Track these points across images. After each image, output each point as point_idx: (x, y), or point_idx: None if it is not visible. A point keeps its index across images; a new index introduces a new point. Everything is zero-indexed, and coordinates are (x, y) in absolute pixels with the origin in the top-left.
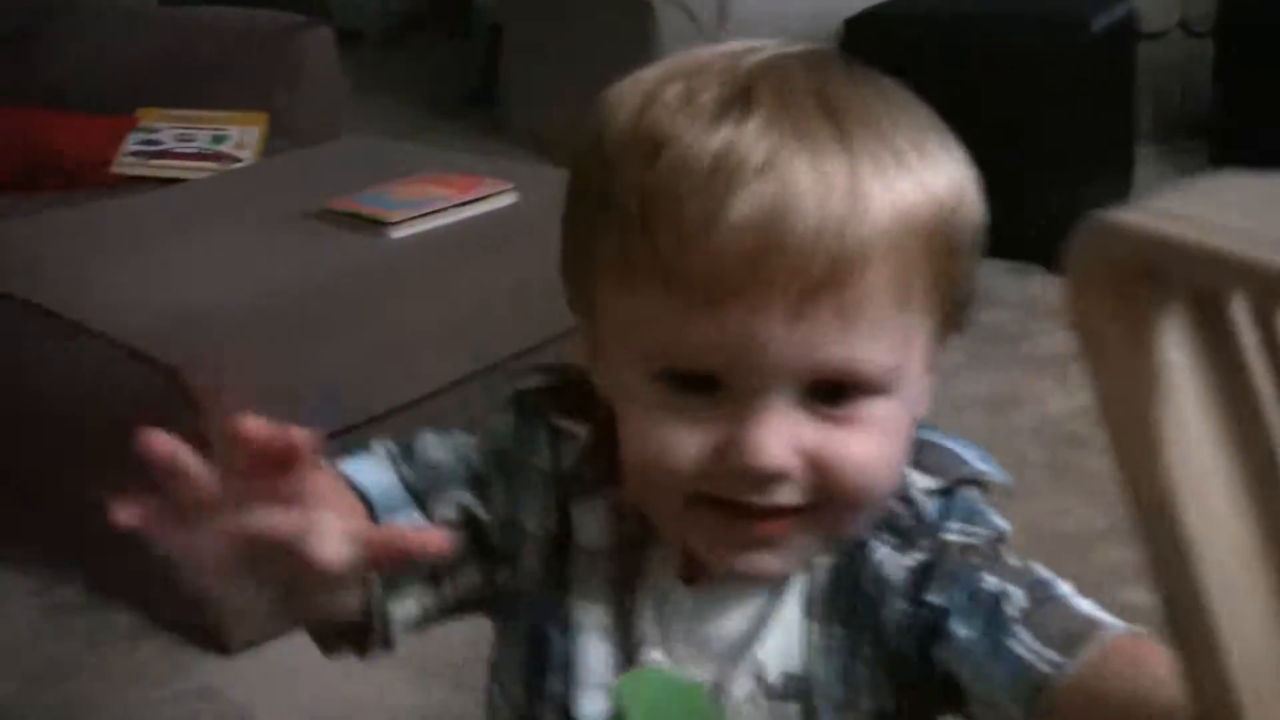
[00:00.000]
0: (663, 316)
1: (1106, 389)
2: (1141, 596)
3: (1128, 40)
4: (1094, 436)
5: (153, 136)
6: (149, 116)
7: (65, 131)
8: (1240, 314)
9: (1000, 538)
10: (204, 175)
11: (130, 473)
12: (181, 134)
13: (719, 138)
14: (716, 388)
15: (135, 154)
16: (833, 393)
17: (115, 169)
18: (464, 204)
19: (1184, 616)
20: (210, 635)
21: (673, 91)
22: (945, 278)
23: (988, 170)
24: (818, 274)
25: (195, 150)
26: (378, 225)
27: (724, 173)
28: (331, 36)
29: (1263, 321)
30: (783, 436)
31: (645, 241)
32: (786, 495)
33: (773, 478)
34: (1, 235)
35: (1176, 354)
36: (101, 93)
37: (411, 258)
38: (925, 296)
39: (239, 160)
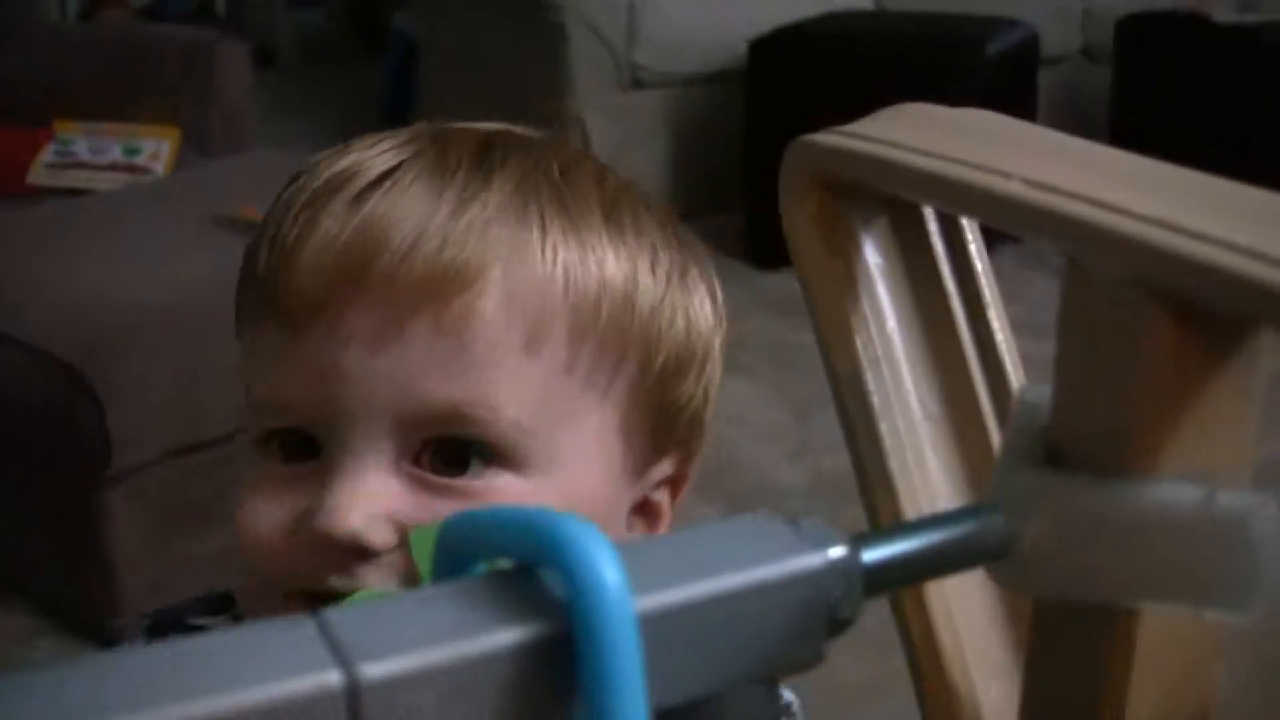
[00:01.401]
0: (261, 354)
1: (813, 286)
2: None
3: (1028, 64)
4: None
5: (68, 148)
6: (65, 129)
7: None
8: (931, 221)
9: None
10: (116, 186)
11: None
12: (95, 146)
13: (349, 158)
14: (319, 450)
15: (51, 165)
16: (450, 457)
17: (30, 179)
18: None
19: (869, 465)
20: (109, 634)
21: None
22: (627, 363)
23: None
24: (411, 283)
25: (108, 162)
26: None
27: (335, 186)
28: (245, 51)
29: (948, 222)
30: (364, 498)
31: (248, 268)
32: (376, 578)
33: (350, 549)
34: None
35: (875, 256)
36: (21, 105)
37: None
38: (586, 364)
39: (151, 172)
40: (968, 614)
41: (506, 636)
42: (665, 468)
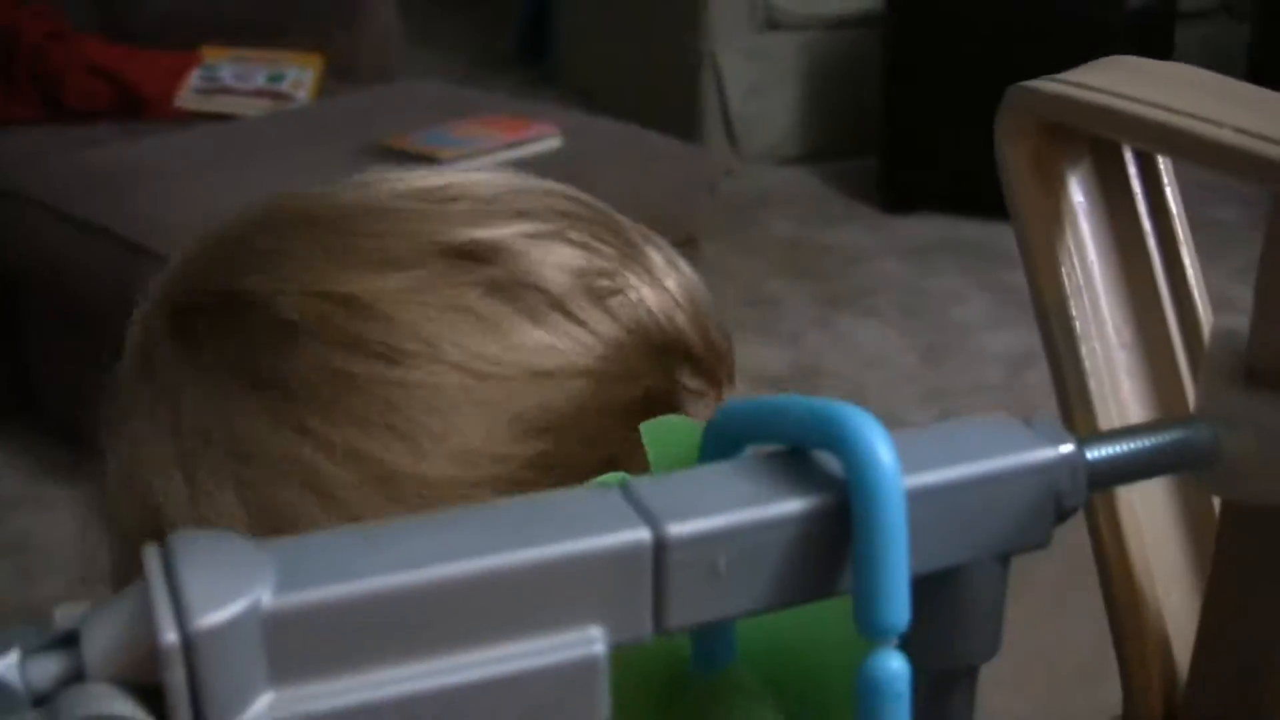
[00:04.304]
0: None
1: (1024, 222)
2: None
3: (1166, 18)
4: None
5: (214, 74)
6: (212, 54)
7: (136, 65)
8: (1130, 163)
9: None
10: (261, 112)
11: None
12: (241, 72)
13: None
14: None
15: (198, 90)
16: None
17: (178, 103)
18: (512, 145)
19: (1070, 385)
20: None
21: None
22: None
23: None
24: None
25: (254, 88)
26: (430, 160)
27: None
28: None
29: (1146, 165)
30: None
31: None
32: None
33: None
34: (75, 162)
35: (1079, 197)
36: (171, 31)
37: None
38: None
39: (295, 99)
40: (1153, 526)
41: (792, 505)
42: None
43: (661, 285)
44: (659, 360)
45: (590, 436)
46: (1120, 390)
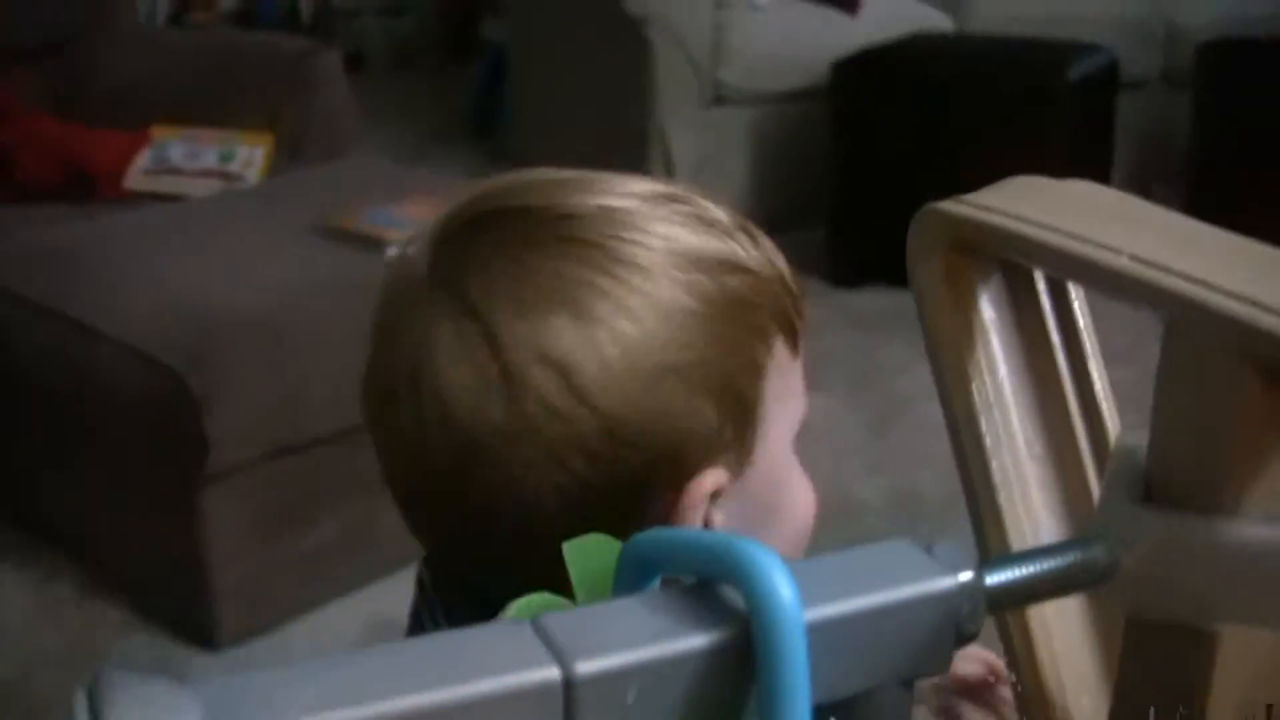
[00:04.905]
0: (797, 376)
1: (936, 337)
2: None
3: (1108, 89)
4: None
5: (164, 153)
6: (162, 133)
7: (86, 144)
8: (1040, 280)
9: None
10: (211, 192)
11: (134, 469)
12: (191, 151)
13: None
14: None
15: (147, 170)
16: None
17: (127, 184)
18: None
19: (981, 499)
20: (198, 630)
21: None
22: None
23: None
24: None
25: (203, 168)
26: (376, 243)
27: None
28: (339, 60)
29: (1055, 282)
30: None
31: (799, 315)
32: None
33: None
34: (24, 242)
35: (990, 311)
36: (121, 110)
37: None
38: None
39: (244, 179)
40: (1064, 635)
41: (697, 640)
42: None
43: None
44: (789, 294)
45: (746, 327)
46: (1031, 501)
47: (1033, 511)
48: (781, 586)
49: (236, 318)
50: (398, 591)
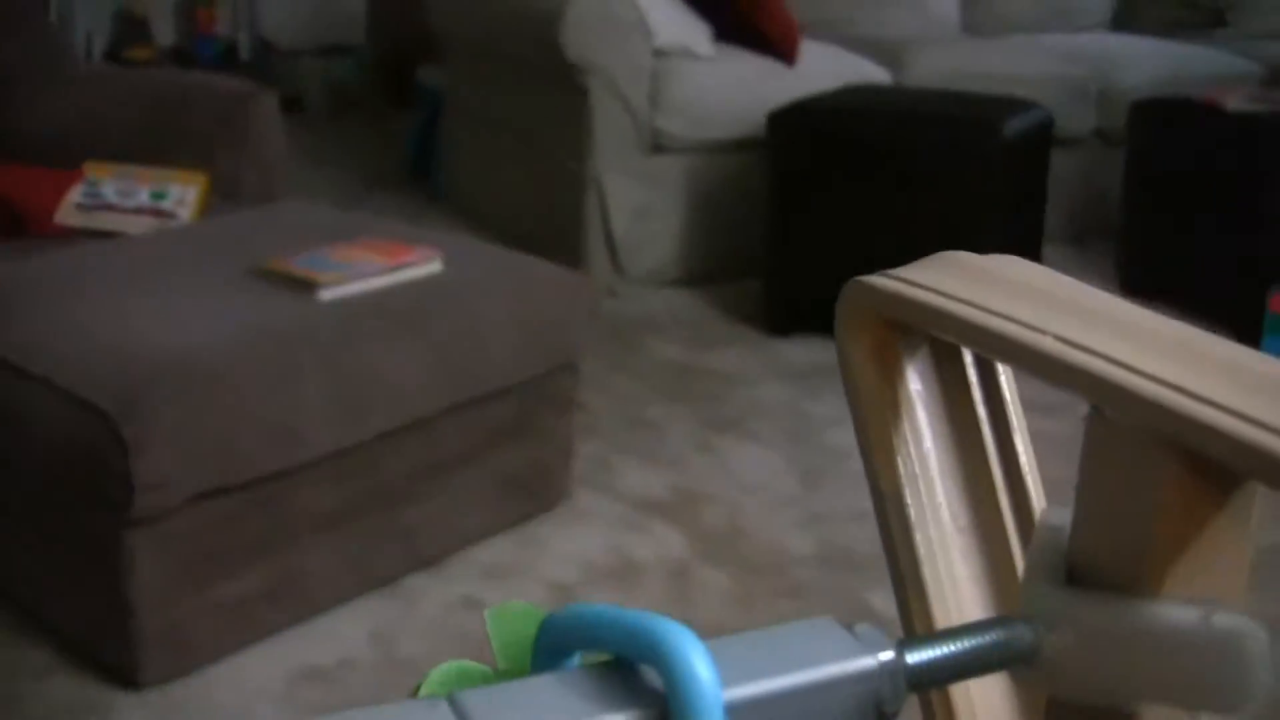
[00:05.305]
0: None
1: (862, 409)
2: None
3: (1042, 145)
4: None
5: (96, 190)
6: (95, 171)
7: (18, 183)
8: (967, 354)
9: None
10: (143, 230)
11: (59, 511)
12: (124, 189)
13: None
14: None
15: (79, 206)
16: None
17: (58, 219)
18: (393, 269)
19: (905, 571)
20: (121, 672)
21: None
22: None
23: (899, 261)
24: None
25: (135, 206)
26: (309, 286)
27: None
28: (276, 103)
29: (983, 365)
30: None
31: None
32: None
33: None
34: None
35: (916, 385)
36: (55, 148)
37: (336, 318)
38: None
39: (177, 217)
40: (987, 713)
41: None
42: None
43: None
44: None
45: None
46: (955, 573)
47: (957, 584)
48: (699, 667)
49: (167, 359)
50: (323, 638)
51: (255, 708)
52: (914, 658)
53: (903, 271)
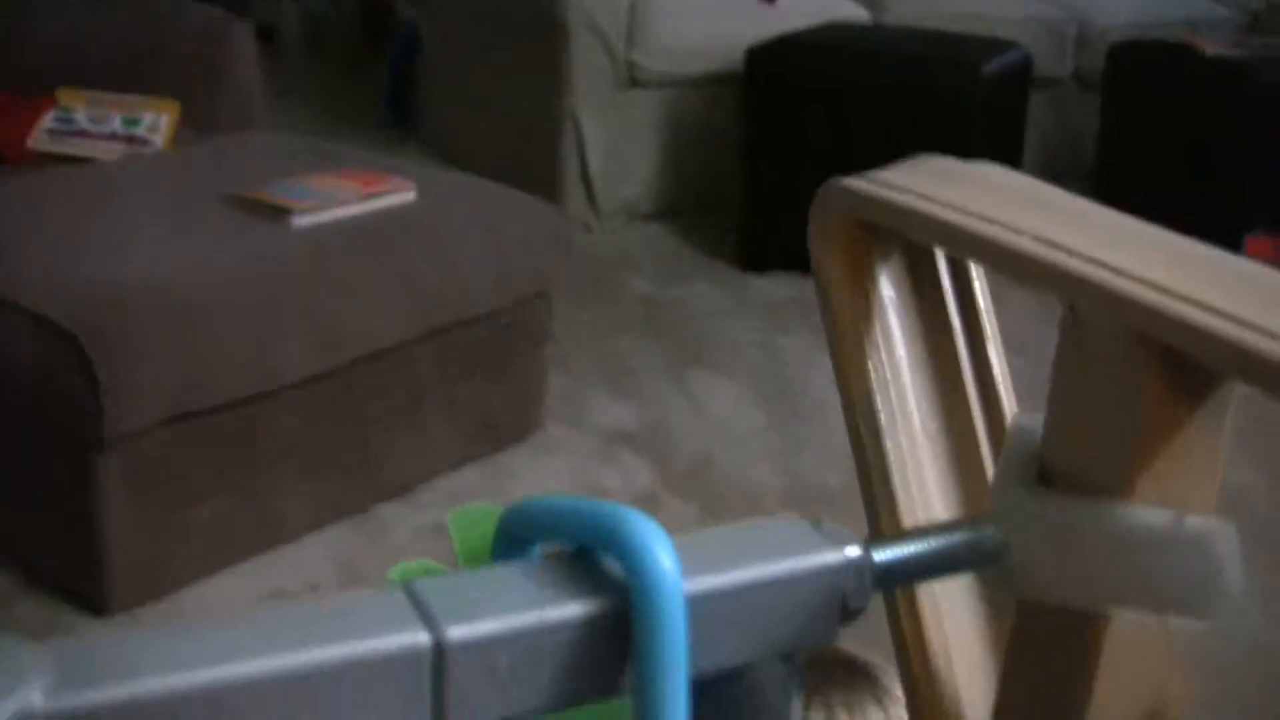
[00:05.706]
0: None
1: (834, 315)
2: None
3: (1019, 86)
4: None
5: (69, 116)
6: (68, 98)
7: None
8: (941, 259)
9: None
10: (114, 157)
11: (26, 436)
12: (96, 115)
13: None
14: None
15: (51, 132)
16: None
17: (31, 144)
18: (367, 198)
19: (874, 476)
20: (89, 598)
21: None
22: None
23: None
24: None
25: (108, 132)
26: (282, 213)
27: None
28: (251, 33)
29: (956, 261)
30: None
31: None
32: None
33: None
34: None
35: (889, 292)
36: (31, 75)
37: (309, 245)
38: None
39: (150, 144)
40: (953, 617)
41: (573, 609)
42: None
43: None
44: None
45: None
46: (925, 480)
47: (926, 491)
48: (662, 557)
49: (136, 283)
50: (292, 563)
51: None
52: (881, 555)
53: (880, 173)
